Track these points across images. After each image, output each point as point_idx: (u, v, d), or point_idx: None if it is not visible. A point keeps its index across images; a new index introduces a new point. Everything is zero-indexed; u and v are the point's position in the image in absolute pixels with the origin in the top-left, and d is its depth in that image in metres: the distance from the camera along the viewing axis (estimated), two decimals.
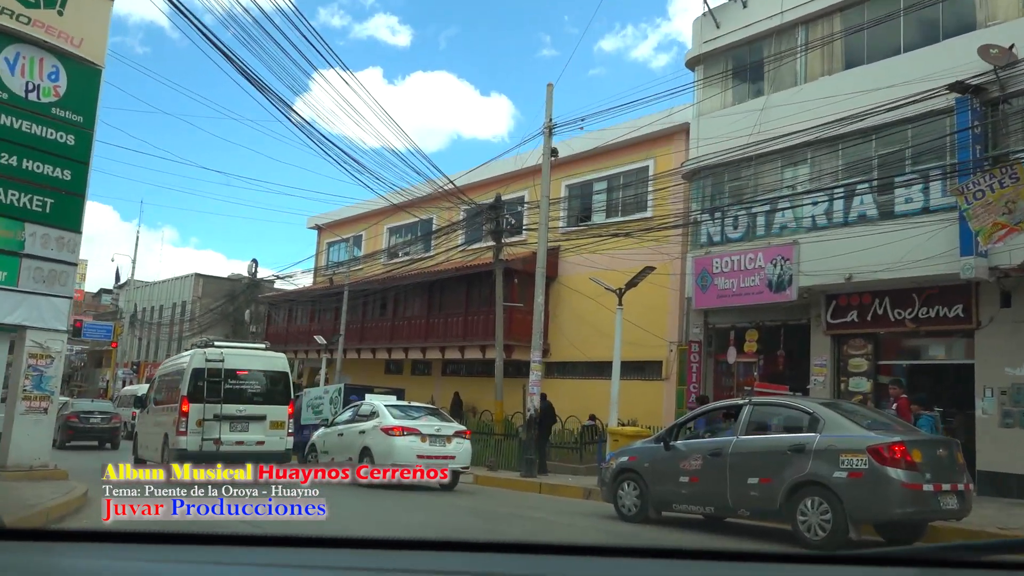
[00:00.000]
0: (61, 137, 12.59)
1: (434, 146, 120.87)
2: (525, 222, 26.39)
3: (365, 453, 14.42)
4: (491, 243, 23.17)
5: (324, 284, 33.64)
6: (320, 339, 27.69)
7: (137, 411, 20.69)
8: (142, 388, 31.33)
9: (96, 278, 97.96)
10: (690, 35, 20.16)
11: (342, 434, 15.49)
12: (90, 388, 53.84)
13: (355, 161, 28.10)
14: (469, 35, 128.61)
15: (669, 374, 22.42)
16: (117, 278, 56.27)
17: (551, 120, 17.27)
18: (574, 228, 25.67)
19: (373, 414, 14.97)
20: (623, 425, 16.61)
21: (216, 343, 16.20)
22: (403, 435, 14.05)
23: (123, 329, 44.79)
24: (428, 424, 14.58)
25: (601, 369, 24.54)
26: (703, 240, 18.72)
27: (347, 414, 16.10)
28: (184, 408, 14.12)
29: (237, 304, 38.03)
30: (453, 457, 14.32)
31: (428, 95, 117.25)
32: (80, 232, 12.87)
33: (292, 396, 15.33)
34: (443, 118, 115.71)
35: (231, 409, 14.26)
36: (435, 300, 29.27)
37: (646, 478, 10.29)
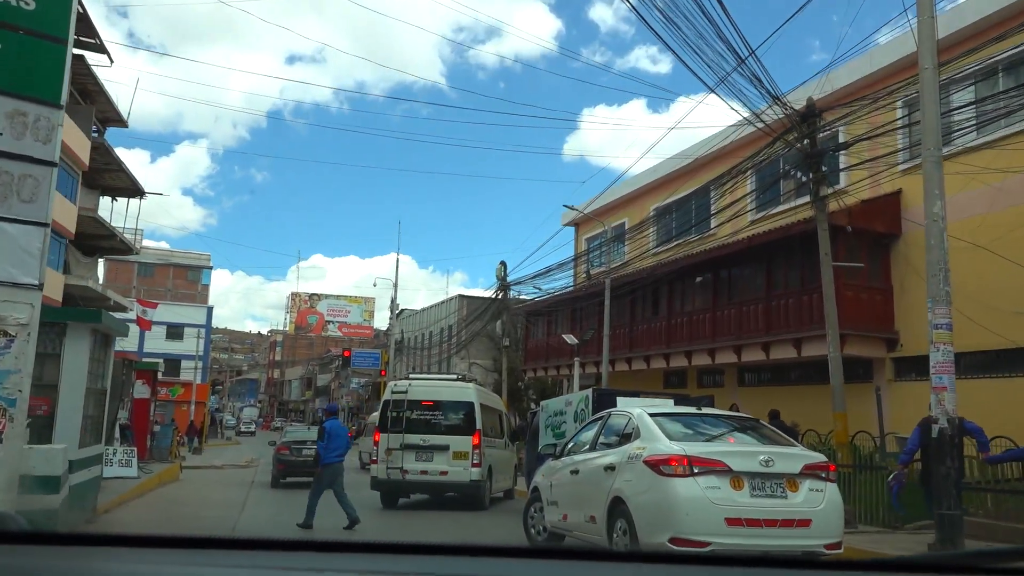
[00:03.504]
0: None
1: None
2: (843, 159, 17.51)
3: (617, 509, 6.86)
4: (792, 204, 14.86)
5: (585, 283, 26.57)
6: (570, 339, 20.51)
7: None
8: None
9: (384, 319, 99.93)
10: None
11: (577, 471, 8.03)
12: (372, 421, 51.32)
13: None
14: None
15: None
16: (392, 308, 54.10)
17: None
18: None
19: (628, 434, 7.36)
20: None
21: (411, 375, 16.63)
22: (692, 475, 6.29)
23: (389, 356, 40.88)
24: (745, 451, 6.71)
25: (992, 361, 15.16)
26: None
27: (587, 434, 8.58)
28: (375, 438, 14.76)
29: (488, 319, 32.23)
30: (807, 522, 6.31)
31: (694, 117, 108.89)
32: (60, 107, 6.62)
33: (477, 426, 14.22)
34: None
35: (414, 439, 14.04)
36: (722, 288, 21.25)
37: None
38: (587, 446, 8.21)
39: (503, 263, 28.54)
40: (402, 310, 51.35)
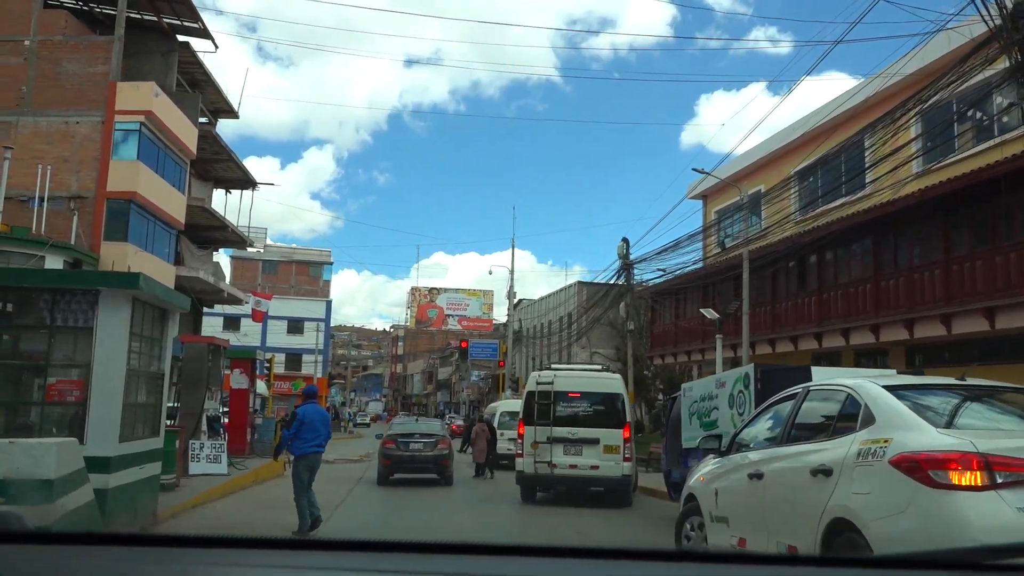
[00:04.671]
0: None
1: None
2: None
3: (842, 538, 4.20)
4: (970, 153, 11.55)
5: (717, 255, 23.52)
6: (710, 313, 17.65)
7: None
8: (503, 404, 25.14)
9: (503, 312, 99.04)
10: None
11: (761, 475, 5.39)
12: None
13: None
14: (856, 30, 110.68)
15: None
16: (510, 298, 52.31)
17: None
18: None
19: (851, 418, 4.67)
20: None
21: (553, 366, 15.65)
22: (993, 485, 3.56)
23: (507, 347, 38.82)
24: None
25: None
26: None
27: (770, 420, 5.90)
28: (520, 430, 14.12)
29: (608, 303, 29.54)
30: None
31: (817, 99, 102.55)
32: None
33: (627, 419, 13.68)
34: None
35: (562, 432, 13.60)
36: (884, 254, 17.99)
37: None
38: (773, 437, 5.55)
39: (625, 239, 25.81)
40: (520, 300, 49.32)
